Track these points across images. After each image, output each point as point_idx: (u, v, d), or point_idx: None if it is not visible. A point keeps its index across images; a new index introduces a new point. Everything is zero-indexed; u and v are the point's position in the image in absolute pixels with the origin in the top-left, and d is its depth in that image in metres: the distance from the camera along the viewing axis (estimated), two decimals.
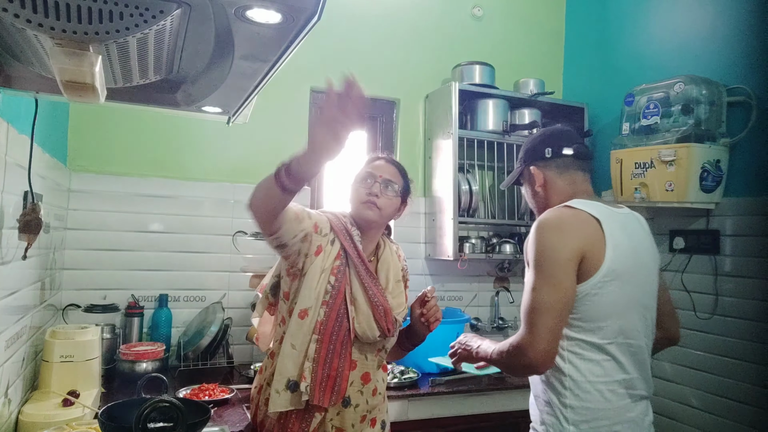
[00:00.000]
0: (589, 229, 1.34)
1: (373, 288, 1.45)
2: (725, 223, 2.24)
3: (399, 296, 1.52)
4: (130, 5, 0.66)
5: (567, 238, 1.31)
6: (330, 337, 1.41)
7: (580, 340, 1.33)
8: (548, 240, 1.32)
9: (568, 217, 1.36)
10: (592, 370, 1.33)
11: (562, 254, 1.30)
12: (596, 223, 1.34)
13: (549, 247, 1.31)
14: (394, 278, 1.52)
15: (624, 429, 1.34)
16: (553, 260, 1.30)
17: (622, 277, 1.33)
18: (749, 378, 2.12)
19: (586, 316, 1.32)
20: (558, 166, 1.50)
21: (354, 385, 1.46)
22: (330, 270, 1.43)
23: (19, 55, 0.87)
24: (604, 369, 1.33)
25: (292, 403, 1.40)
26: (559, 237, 1.32)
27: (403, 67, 2.89)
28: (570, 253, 1.30)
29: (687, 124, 2.20)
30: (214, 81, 0.99)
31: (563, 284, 1.29)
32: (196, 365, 2.22)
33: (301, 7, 0.66)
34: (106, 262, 2.34)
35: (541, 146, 1.52)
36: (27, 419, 1.46)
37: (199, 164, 2.51)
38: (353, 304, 1.44)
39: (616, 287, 1.32)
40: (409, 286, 1.65)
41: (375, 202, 1.46)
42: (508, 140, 2.75)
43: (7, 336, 1.37)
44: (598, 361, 1.33)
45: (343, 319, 1.43)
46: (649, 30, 2.66)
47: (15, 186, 1.38)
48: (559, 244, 1.31)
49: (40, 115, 1.49)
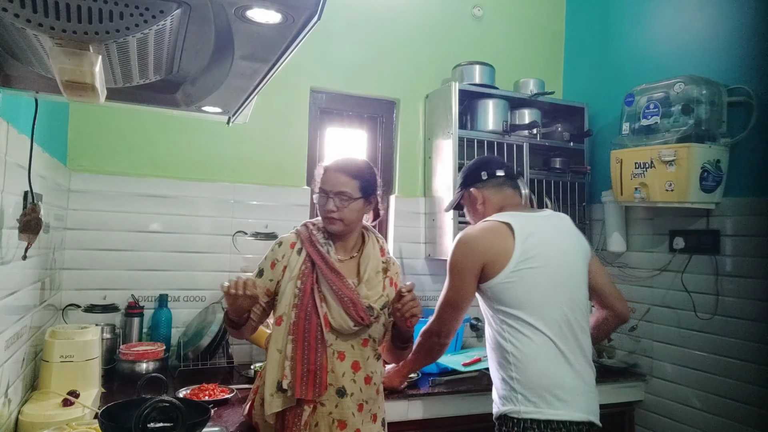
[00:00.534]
0: (495, 237, 1.66)
1: (337, 283, 1.55)
2: (725, 223, 2.24)
3: (376, 286, 1.62)
4: (130, 5, 0.66)
5: (472, 250, 1.67)
6: (303, 335, 1.52)
7: (513, 321, 1.62)
8: (458, 251, 1.70)
9: (478, 232, 1.70)
10: (527, 345, 1.60)
11: (466, 262, 1.67)
12: (506, 228, 1.66)
13: (457, 257, 1.70)
14: (373, 270, 1.62)
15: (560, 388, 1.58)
16: (457, 270, 1.69)
17: (535, 263, 1.62)
18: (750, 378, 2.13)
19: (510, 301, 1.62)
20: (493, 186, 1.82)
21: (346, 376, 1.55)
22: (298, 276, 1.58)
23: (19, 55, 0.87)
24: (536, 343, 1.60)
25: (284, 403, 1.51)
26: (465, 249, 1.68)
27: (403, 67, 2.89)
28: (471, 262, 1.65)
29: (687, 124, 2.20)
30: (214, 81, 0.99)
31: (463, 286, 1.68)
32: (196, 365, 2.22)
33: (301, 7, 0.65)
34: (106, 262, 2.34)
35: (477, 171, 1.84)
36: (27, 419, 1.46)
37: (199, 164, 2.51)
38: (324, 301, 1.55)
39: (533, 273, 1.62)
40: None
41: (334, 218, 1.57)
42: (508, 140, 2.75)
43: (7, 336, 1.37)
44: (530, 336, 1.60)
45: (311, 316, 1.53)
46: (649, 30, 2.66)
47: (15, 186, 1.38)
48: (465, 255, 1.68)
49: (40, 115, 1.49)
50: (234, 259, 2.51)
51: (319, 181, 1.62)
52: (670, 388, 2.44)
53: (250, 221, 2.56)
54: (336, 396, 1.54)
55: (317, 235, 1.62)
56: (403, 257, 2.83)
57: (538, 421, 1.56)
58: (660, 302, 2.51)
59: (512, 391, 1.60)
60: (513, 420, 1.59)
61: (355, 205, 1.58)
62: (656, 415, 2.50)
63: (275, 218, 2.58)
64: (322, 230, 1.63)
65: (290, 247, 1.63)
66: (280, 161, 2.65)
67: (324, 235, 1.62)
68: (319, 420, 1.53)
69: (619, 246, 2.65)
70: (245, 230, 2.52)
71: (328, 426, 1.53)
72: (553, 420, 1.56)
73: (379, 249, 1.68)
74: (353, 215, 1.58)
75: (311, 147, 2.76)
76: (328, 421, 1.53)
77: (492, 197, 1.81)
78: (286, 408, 1.51)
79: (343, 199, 1.56)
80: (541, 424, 1.55)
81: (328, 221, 1.59)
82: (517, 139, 2.77)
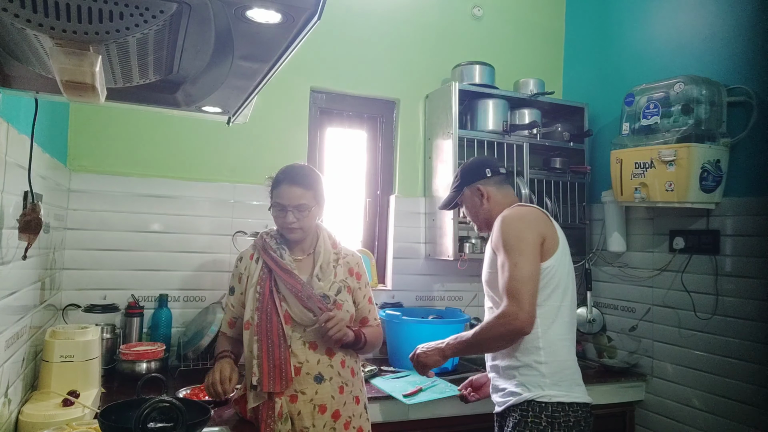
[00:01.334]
0: (543, 218, 1.73)
1: (290, 281, 1.67)
2: (725, 223, 2.24)
3: (329, 276, 1.73)
4: (130, 5, 0.66)
5: (530, 225, 1.68)
6: (266, 334, 1.64)
7: (548, 306, 1.65)
8: (515, 228, 1.67)
9: (525, 211, 1.74)
10: (557, 331, 1.66)
11: (529, 236, 1.64)
12: (546, 215, 1.76)
13: (517, 233, 1.65)
14: (325, 262, 1.75)
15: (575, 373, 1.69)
16: (523, 241, 1.63)
17: (566, 253, 1.75)
18: (750, 378, 2.13)
19: (555, 284, 1.67)
20: (496, 183, 1.86)
21: (321, 362, 1.68)
22: (257, 282, 1.71)
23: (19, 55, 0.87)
24: (564, 328, 1.68)
25: (257, 398, 1.64)
26: (523, 224, 1.68)
27: (403, 67, 2.89)
28: (534, 236, 1.65)
29: (687, 124, 2.20)
30: (214, 81, 0.99)
31: (535, 259, 1.62)
32: (196, 365, 2.22)
33: (301, 7, 0.65)
34: (106, 262, 2.34)
35: (481, 168, 1.87)
36: (27, 419, 1.46)
37: (199, 164, 2.51)
38: (284, 300, 1.67)
39: (567, 261, 1.74)
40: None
41: (294, 228, 1.68)
42: (508, 140, 2.75)
43: (7, 336, 1.37)
44: (559, 322, 1.67)
45: (272, 315, 1.66)
46: (649, 30, 2.66)
47: (15, 186, 1.38)
48: (525, 230, 1.66)
49: (40, 115, 1.49)
50: (234, 259, 2.50)
51: (275, 195, 1.70)
52: (670, 388, 2.44)
53: (250, 221, 2.55)
54: (314, 383, 1.66)
55: (270, 242, 1.74)
56: (403, 257, 2.83)
57: (563, 404, 1.61)
58: (660, 302, 2.51)
59: (540, 376, 1.63)
60: (541, 405, 1.61)
61: (313, 212, 1.71)
62: (657, 415, 2.50)
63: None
64: (275, 237, 1.76)
65: (250, 258, 1.78)
66: (280, 161, 2.62)
67: (276, 241, 1.75)
68: (301, 408, 1.63)
69: (619, 246, 2.65)
70: (245, 230, 2.52)
71: (309, 412, 1.64)
72: (575, 402, 1.63)
73: (330, 243, 1.80)
74: (311, 222, 1.72)
75: (311, 147, 2.76)
76: (310, 408, 1.64)
77: (496, 194, 1.84)
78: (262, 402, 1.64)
79: (301, 210, 1.67)
80: (566, 407, 1.61)
81: (288, 231, 1.70)
82: (517, 139, 2.77)
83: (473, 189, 1.86)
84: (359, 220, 2.93)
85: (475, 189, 1.86)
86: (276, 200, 1.70)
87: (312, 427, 1.63)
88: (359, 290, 1.80)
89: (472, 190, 1.86)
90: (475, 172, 1.87)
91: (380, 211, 2.94)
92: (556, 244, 1.69)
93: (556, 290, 1.67)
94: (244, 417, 1.74)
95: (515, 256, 1.61)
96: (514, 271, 1.59)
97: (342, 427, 1.68)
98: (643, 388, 2.55)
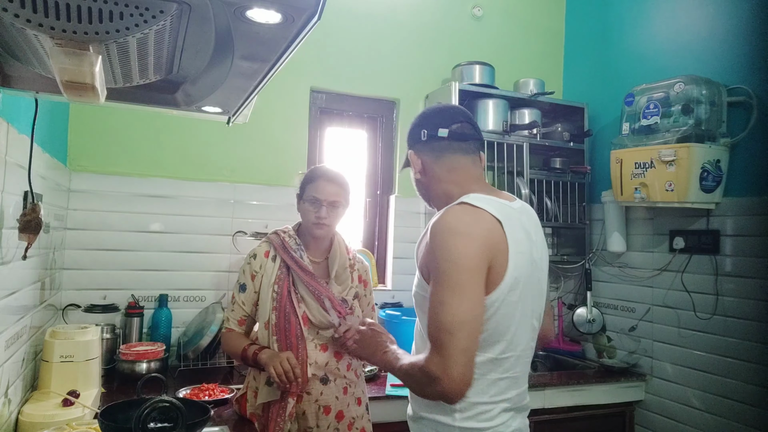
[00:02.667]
0: (493, 233, 1.16)
1: (312, 283, 1.67)
2: (725, 223, 2.24)
3: (345, 281, 1.75)
4: (130, 5, 0.66)
5: (474, 244, 1.13)
6: (284, 334, 1.65)
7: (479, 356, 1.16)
8: (454, 245, 1.13)
9: (471, 219, 1.17)
10: (486, 391, 1.19)
11: (471, 262, 1.12)
12: (499, 226, 1.17)
13: (456, 254, 1.12)
14: (341, 267, 1.75)
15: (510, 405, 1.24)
16: (461, 269, 1.11)
17: (520, 285, 1.19)
18: (750, 378, 2.13)
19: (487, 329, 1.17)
20: (433, 150, 1.33)
21: (329, 365, 1.69)
22: (275, 281, 1.69)
23: (19, 55, 0.87)
24: (499, 387, 1.21)
25: (271, 394, 1.63)
26: (466, 242, 1.13)
27: (403, 67, 2.89)
28: (479, 260, 1.13)
29: (687, 124, 2.20)
30: (214, 81, 0.99)
31: (474, 296, 1.12)
32: (196, 365, 2.22)
33: (301, 7, 0.65)
34: (106, 262, 2.34)
35: (417, 129, 1.36)
36: (27, 419, 1.46)
37: (199, 164, 2.51)
38: (302, 301, 1.67)
39: (516, 297, 1.18)
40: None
41: (324, 224, 1.69)
42: (508, 140, 2.75)
43: (7, 336, 1.37)
44: (495, 380, 1.20)
45: (290, 316, 1.66)
46: (649, 30, 2.66)
47: (15, 186, 1.38)
48: (466, 251, 1.12)
49: (40, 115, 1.49)
50: (234, 259, 2.51)
51: (310, 189, 1.70)
52: (670, 388, 2.44)
53: (250, 221, 2.56)
54: (320, 384, 1.67)
55: (289, 241, 1.73)
56: (403, 257, 2.83)
57: None
58: (660, 302, 2.51)
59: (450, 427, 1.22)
60: None
61: (341, 212, 1.73)
62: (656, 415, 2.50)
63: (275, 218, 2.57)
64: (293, 237, 1.75)
65: (265, 256, 1.75)
66: (280, 161, 2.65)
67: (296, 241, 1.74)
68: (306, 408, 1.65)
69: (619, 246, 2.65)
70: (245, 230, 2.52)
71: (314, 412, 1.65)
72: None
73: (344, 248, 1.81)
74: (338, 221, 1.74)
75: (311, 147, 2.76)
76: (314, 408, 1.65)
77: (432, 166, 1.34)
78: (272, 401, 1.63)
79: (335, 207, 1.69)
80: None
81: (317, 226, 1.69)
82: (517, 139, 2.77)
83: (409, 154, 1.39)
84: (359, 220, 2.93)
85: (410, 154, 1.38)
86: (312, 194, 1.69)
87: (316, 428, 1.64)
88: (365, 297, 1.83)
89: (409, 155, 1.39)
90: (412, 133, 1.38)
91: (380, 211, 2.94)
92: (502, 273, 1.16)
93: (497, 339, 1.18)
94: (243, 415, 1.75)
95: (444, 291, 1.11)
96: (441, 314, 1.10)
97: (346, 428, 1.69)
98: (643, 388, 2.55)
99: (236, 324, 1.75)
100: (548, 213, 2.89)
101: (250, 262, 1.75)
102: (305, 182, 1.73)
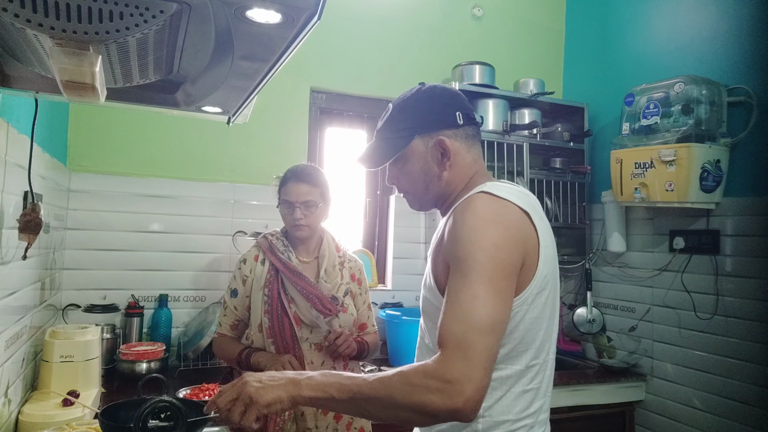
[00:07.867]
0: (523, 225, 1.01)
1: (300, 283, 1.68)
2: (725, 223, 2.24)
3: (335, 278, 1.75)
4: (130, 5, 0.66)
5: (511, 237, 0.98)
6: (280, 336, 1.66)
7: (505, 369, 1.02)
8: (489, 236, 0.96)
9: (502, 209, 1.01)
10: (511, 407, 1.03)
11: (508, 257, 0.96)
12: (526, 218, 1.02)
13: (492, 246, 0.95)
14: (330, 265, 1.76)
15: None
16: (497, 263, 0.94)
17: (549, 285, 1.04)
18: (750, 378, 2.12)
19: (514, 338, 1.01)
20: (467, 137, 1.15)
21: (325, 364, 1.69)
22: (264, 284, 1.70)
23: (19, 55, 0.87)
24: (525, 401, 1.04)
25: None
26: (502, 234, 0.97)
27: (403, 67, 2.89)
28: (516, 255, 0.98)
29: (687, 124, 2.20)
30: (214, 81, 0.99)
31: (508, 298, 0.96)
32: (196, 365, 2.22)
33: (301, 7, 0.65)
34: (106, 262, 2.34)
35: (450, 110, 1.14)
36: (27, 419, 1.46)
37: (199, 164, 2.51)
38: (292, 302, 1.68)
39: (545, 298, 1.03)
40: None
41: (302, 225, 1.70)
42: (508, 140, 2.75)
43: (7, 336, 1.37)
44: (519, 393, 1.03)
45: (282, 318, 1.67)
46: (649, 30, 2.66)
47: (15, 186, 1.38)
48: (503, 243, 0.96)
49: (40, 115, 1.49)
50: (234, 258, 2.51)
51: (282, 193, 1.73)
52: (670, 388, 2.44)
53: (250, 221, 2.56)
54: None
55: (277, 243, 1.75)
56: (403, 257, 2.83)
57: None
58: (660, 302, 2.51)
59: None
60: None
61: (320, 210, 1.73)
62: (656, 415, 2.50)
63: (275, 218, 2.55)
64: (281, 239, 1.76)
65: (254, 260, 1.76)
66: (280, 161, 2.64)
67: (283, 243, 1.75)
68: (304, 409, 1.64)
69: (619, 246, 2.65)
70: (245, 230, 2.52)
71: (313, 413, 1.65)
72: None
73: (334, 246, 1.82)
74: (318, 220, 1.74)
75: (311, 147, 2.76)
76: (313, 409, 1.64)
77: (464, 156, 1.15)
78: None
79: (309, 206, 1.69)
80: None
81: (296, 228, 1.71)
82: (517, 139, 2.77)
83: (432, 141, 1.14)
84: (359, 220, 2.93)
85: (435, 142, 1.13)
86: (284, 197, 1.72)
87: (315, 429, 1.64)
88: (360, 296, 1.83)
89: (430, 142, 1.14)
90: (440, 115, 1.14)
91: (380, 211, 2.94)
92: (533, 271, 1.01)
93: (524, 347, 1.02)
94: None
95: (478, 284, 0.92)
96: (475, 309, 0.90)
97: (344, 428, 1.69)
98: (643, 388, 2.55)
99: (228, 329, 1.78)
100: (548, 213, 2.89)
101: (241, 267, 1.78)
102: (280, 185, 1.76)
